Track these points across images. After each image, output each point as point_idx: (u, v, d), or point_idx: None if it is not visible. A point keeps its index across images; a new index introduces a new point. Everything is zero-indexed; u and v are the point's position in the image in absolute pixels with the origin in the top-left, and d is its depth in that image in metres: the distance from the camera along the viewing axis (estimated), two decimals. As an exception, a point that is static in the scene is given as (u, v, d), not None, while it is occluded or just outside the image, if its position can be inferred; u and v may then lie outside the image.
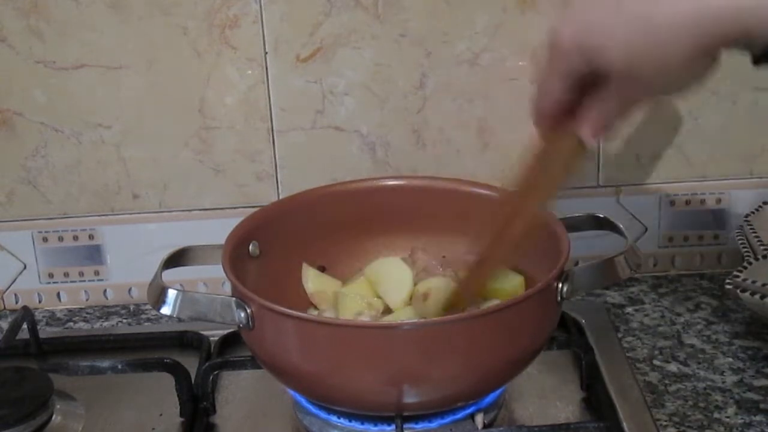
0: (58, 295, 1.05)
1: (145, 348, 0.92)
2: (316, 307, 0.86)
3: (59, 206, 1.01)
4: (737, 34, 0.57)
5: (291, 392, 0.79)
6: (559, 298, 0.74)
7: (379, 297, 0.84)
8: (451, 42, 0.96)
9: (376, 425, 0.76)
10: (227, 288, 0.78)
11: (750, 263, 0.89)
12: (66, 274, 1.04)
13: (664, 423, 0.80)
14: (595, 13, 0.61)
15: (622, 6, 0.59)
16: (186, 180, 1.01)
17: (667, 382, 0.85)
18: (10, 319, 0.95)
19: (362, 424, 0.76)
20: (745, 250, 0.93)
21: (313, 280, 0.87)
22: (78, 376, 0.84)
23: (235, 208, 1.01)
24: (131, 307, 1.04)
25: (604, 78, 0.63)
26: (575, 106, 0.66)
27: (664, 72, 0.60)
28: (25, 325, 0.91)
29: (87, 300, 1.05)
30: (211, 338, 0.91)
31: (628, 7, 0.59)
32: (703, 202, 1.03)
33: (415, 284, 0.84)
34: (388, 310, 0.83)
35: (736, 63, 0.62)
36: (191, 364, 0.85)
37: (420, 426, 0.75)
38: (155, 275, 0.77)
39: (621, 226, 0.82)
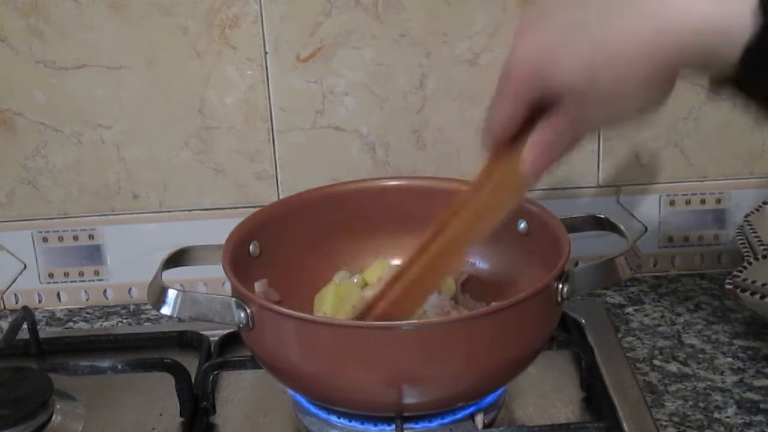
0: (58, 295, 1.05)
1: (145, 348, 0.92)
2: None
3: (59, 206, 1.01)
4: (694, 57, 0.56)
5: (291, 392, 0.79)
6: (559, 299, 0.74)
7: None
8: (451, 42, 0.96)
9: (376, 425, 0.76)
10: (227, 288, 0.78)
11: (750, 263, 0.89)
12: (66, 274, 1.04)
13: (664, 423, 0.80)
14: (551, 35, 0.59)
15: (578, 28, 0.58)
16: (186, 180, 1.01)
17: (667, 382, 0.85)
18: (10, 319, 0.95)
19: (362, 424, 0.76)
20: (745, 250, 0.93)
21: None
22: (78, 376, 0.84)
23: (235, 208, 1.01)
24: (131, 307, 1.04)
25: (556, 103, 0.61)
26: (525, 133, 0.64)
27: (620, 95, 0.58)
28: (25, 325, 0.91)
29: (87, 300, 1.05)
30: (211, 338, 0.91)
31: (584, 29, 0.57)
32: (703, 202, 1.03)
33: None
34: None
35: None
36: (191, 364, 0.85)
37: (420, 426, 0.75)
38: (155, 275, 0.77)
39: (621, 226, 0.82)
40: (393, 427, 0.75)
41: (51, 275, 1.04)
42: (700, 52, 0.55)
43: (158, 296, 0.75)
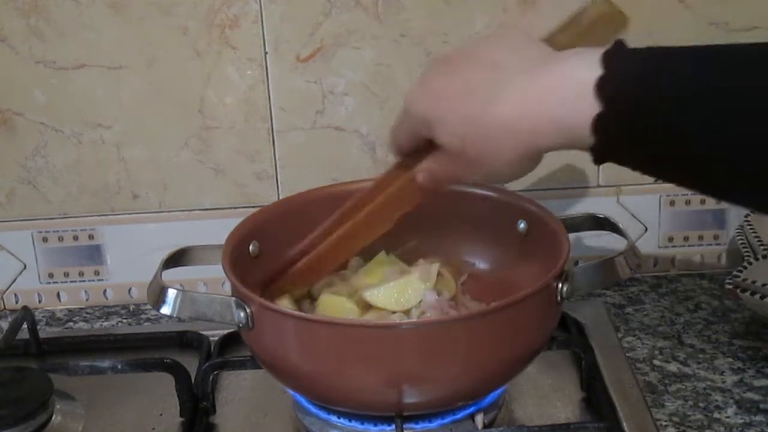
0: (58, 295, 1.05)
1: (145, 348, 0.92)
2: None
3: (59, 206, 1.01)
4: (560, 143, 0.61)
5: (291, 392, 0.79)
6: (559, 298, 0.74)
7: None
8: (451, 42, 0.96)
9: (376, 425, 0.76)
10: (227, 288, 0.78)
11: (750, 263, 0.89)
12: (66, 274, 1.04)
13: (664, 423, 0.80)
14: (439, 94, 0.66)
15: (465, 101, 0.64)
16: (186, 180, 1.01)
17: (667, 382, 0.85)
18: (10, 319, 0.95)
19: (362, 424, 0.76)
20: (745, 250, 0.93)
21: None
22: (78, 376, 0.84)
23: (235, 208, 1.01)
24: (131, 307, 1.04)
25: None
26: (424, 150, 0.70)
27: (486, 163, 0.65)
28: (25, 325, 0.91)
29: (87, 300, 1.05)
30: (211, 338, 0.91)
31: (469, 103, 0.64)
32: (703, 202, 1.03)
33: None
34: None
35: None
36: (191, 364, 0.85)
37: (420, 426, 0.75)
38: (155, 275, 0.77)
39: (621, 226, 0.82)
40: (393, 427, 0.75)
41: (51, 275, 1.04)
42: (567, 137, 0.60)
43: (158, 296, 0.75)
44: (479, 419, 0.77)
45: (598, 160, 0.61)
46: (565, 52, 0.62)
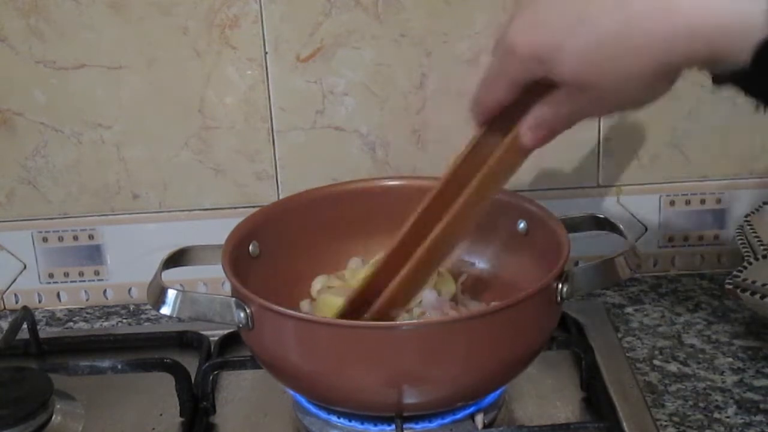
0: (58, 295, 1.05)
1: (145, 348, 0.92)
2: None
3: (59, 206, 1.01)
4: (706, 55, 0.55)
5: (291, 392, 0.79)
6: (559, 299, 0.74)
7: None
8: (451, 42, 0.96)
9: (376, 425, 0.76)
10: (227, 288, 0.78)
11: (750, 263, 0.89)
12: (66, 274, 1.04)
13: (664, 423, 0.80)
14: (555, 21, 0.58)
15: (585, 16, 0.56)
16: (186, 180, 1.01)
17: (667, 382, 0.85)
18: (10, 319, 0.95)
19: (362, 424, 0.76)
20: (745, 250, 0.93)
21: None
22: (78, 376, 0.84)
23: (235, 208, 1.01)
24: (131, 307, 1.04)
25: (557, 86, 0.60)
26: (516, 106, 0.64)
27: (622, 89, 0.58)
28: (25, 325, 0.91)
29: (87, 300, 1.05)
30: (211, 338, 0.91)
31: (592, 19, 0.56)
32: (703, 202, 1.03)
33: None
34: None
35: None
36: (191, 364, 0.85)
37: (420, 426, 0.75)
38: (155, 275, 0.77)
39: (621, 226, 0.82)
40: (393, 427, 0.75)
41: (51, 275, 1.04)
42: (707, 50, 0.54)
43: (158, 296, 0.75)
44: (479, 419, 0.77)
45: (729, 81, 0.55)
46: None
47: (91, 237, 1.02)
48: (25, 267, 1.04)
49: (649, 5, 0.55)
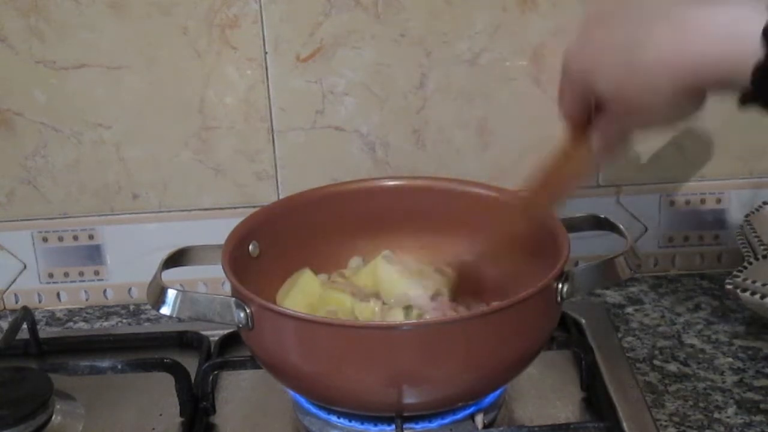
0: (58, 295, 1.05)
1: (145, 348, 0.92)
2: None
3: (59, 206, 1.01)
4: (716, 81, 0.60)
5: (291, 392, 0.79)
6: (559, 299, 0.74)
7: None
8: (451, 42, 0.96)
9: (376, 425, 0.76)
10: (227, 288, 0.78)
11: (750, 263, 0.89)
12: (66, 274, 1.04)
13: (664, 423, 0.80)
14: (595, 45, 0.66)
15: (619, 43, 0.64)
16: (186, 180, 1.01)
17: (667, 382, 0.85)
18: (10, 319, 0.95)
19: (362, 424, 0.76)
20: (745, 250, 0.93)
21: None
22: (78, 376, 0.84)
23: (235, 208, 1.01)
24: (131, 307, 1.04)
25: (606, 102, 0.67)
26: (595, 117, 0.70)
27: (649, 108, 0.64)
28: (25, 325, 0.91)
29: (87, 300, 1.05)
30: (211, 338, 0.91)
31: (622, 45, 0.63)
32: (703, 202, 1.03)
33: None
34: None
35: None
36: (191, 364, 0.85)
37: (420, 426, 0.75)
38: (155, 275, 0.77)
39: (621, 226, 0.82)
40: (393, 427, 0.75)
41: (51, 275, 1.04)
42: (720, 77, 0.60)
43: (158, 296, 0.75)
44: (479, 419, 0.77)
45: (747, 103, 0.60)
46: None
47: (91, 237, 1.02)
48: (25, 267, 1.04)
49: (666, 39, 0.61)
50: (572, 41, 0.68)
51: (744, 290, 0.85)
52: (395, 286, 0.83)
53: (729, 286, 0.87)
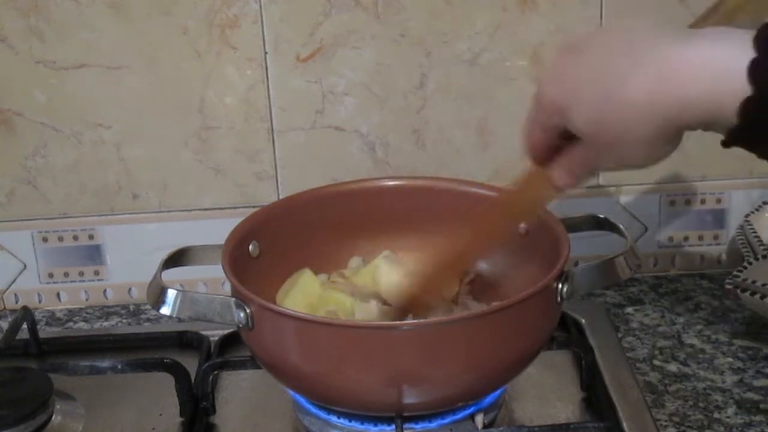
0: (58, 295, 1.05)
1: (145, 348, 0.92)
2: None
3: (59, 206, 1.01)
4: (700, 119, 0.59)
5: (291, 392, 0.79)
6: (559, 299, 0.74)
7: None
8: (451, 42, 0.96)
9: (376, 425, 0.76)
10: (227, 288, 0.78)
11: (750, 263, 0.89)
12: (66, 274, 1.04)
13: (664, 423, 0.80)
14: (572, 79, 0.64)
15: (597, 80, 0.61)
16: (186, 180, 1.01)
17: (667, 382, 0.85)
18: (10, 319, 0.95)
19: (362, 424, 0.76)
20: (745, 250, 0.93)
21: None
22: (78, 376, 0.84)
23: (235, 208, 1.01)
24: (131, 307, 1.04)
25: (577, 137, 0.65)
26: (558, 148, 0.69)
27: (624, 145, 0.62)
28: (25, 325, 0.91)
29: (87, 300, 1.05)
30: (211, 338, 0.91)
31: (601, 82, 0.61)
32: (703, 202, 1.03)
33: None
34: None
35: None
36: (191, 364, 0.85)
37: (420, 426, 0.75)
38: (155, 275, 0.77)
39: (621, 226, 0.82)
40: (393, 427, 0.75)
41: (51, 275, 1.04)
42: (701, 114, 0.59)
43: (158, 296, 0.75)
44: (479, 419, 0.77)
45: (731, 143, 0.59)
46: (705, 30, 0.60)
47: (91, 237, 1.02)
48: (25, 267, 1.04)
49: (645, 72, 0.59)
50: (550, 69, 0.66)
51: (744, 290, 0.85)
52: (395, 286, 0.83)
53: (729, 286, 0.87)
